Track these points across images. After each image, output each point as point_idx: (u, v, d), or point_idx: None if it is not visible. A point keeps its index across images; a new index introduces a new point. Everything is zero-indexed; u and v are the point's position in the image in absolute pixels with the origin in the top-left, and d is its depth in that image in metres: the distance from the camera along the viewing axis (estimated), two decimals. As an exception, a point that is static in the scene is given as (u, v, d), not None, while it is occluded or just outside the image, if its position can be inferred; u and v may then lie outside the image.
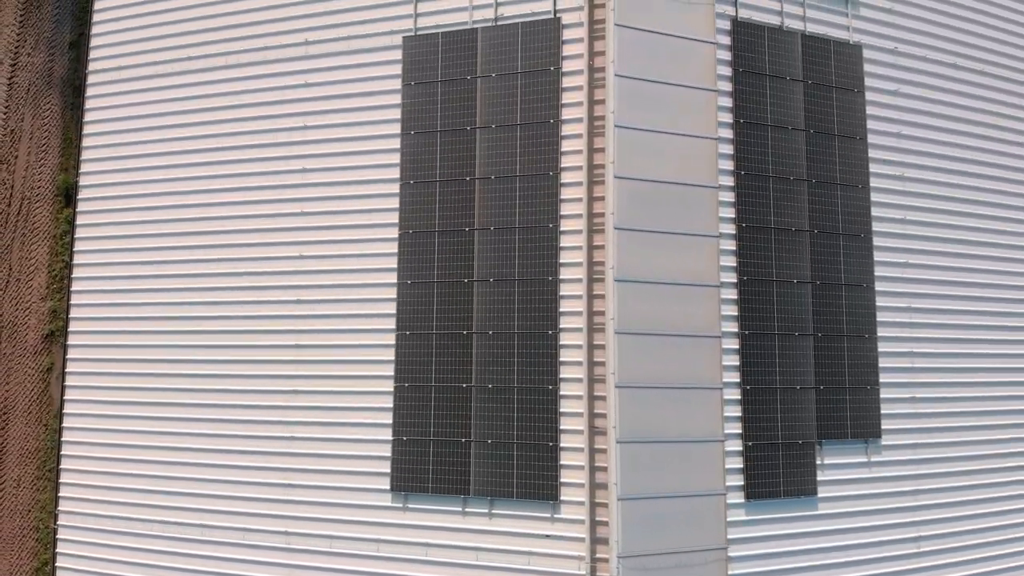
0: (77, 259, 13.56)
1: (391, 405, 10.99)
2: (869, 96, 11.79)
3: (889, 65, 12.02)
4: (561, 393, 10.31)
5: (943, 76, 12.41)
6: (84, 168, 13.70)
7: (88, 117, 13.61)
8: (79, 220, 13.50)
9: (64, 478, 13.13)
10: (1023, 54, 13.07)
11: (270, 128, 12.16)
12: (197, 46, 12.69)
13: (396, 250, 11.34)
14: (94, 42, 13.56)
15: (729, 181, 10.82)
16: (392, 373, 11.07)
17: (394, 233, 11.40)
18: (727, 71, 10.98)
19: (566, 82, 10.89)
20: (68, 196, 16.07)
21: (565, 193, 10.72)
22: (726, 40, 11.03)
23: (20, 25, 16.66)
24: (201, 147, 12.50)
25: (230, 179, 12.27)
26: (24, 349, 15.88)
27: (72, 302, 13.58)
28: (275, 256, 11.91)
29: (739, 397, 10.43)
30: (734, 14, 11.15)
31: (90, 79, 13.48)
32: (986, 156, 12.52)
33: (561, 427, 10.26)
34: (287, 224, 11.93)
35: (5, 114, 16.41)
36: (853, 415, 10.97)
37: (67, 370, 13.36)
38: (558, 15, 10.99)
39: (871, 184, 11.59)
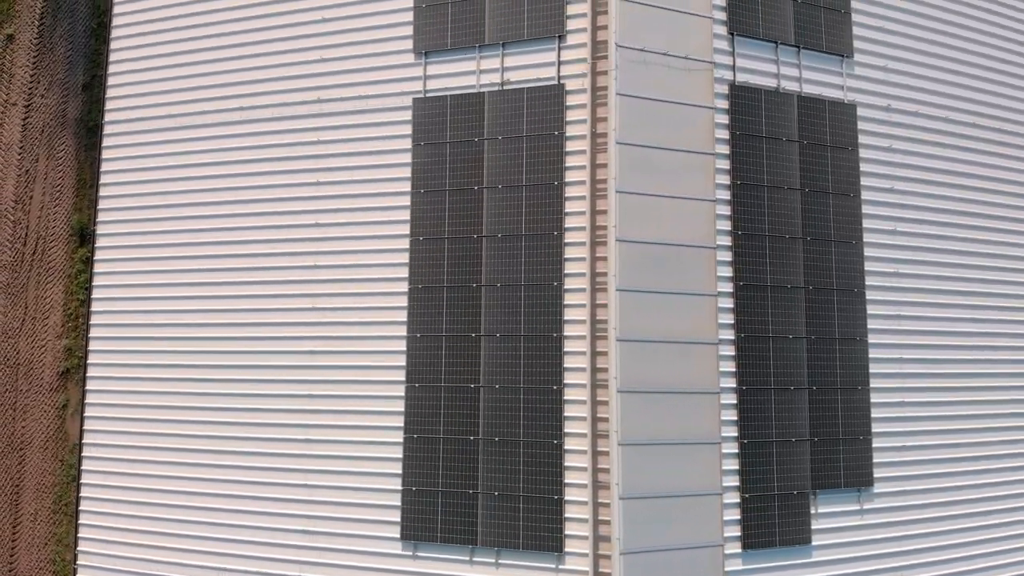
0: (96, 293, 13.87)
1: (401, 456, 11.42)
2: (863, 153, 12.21)
3: (882, 122, 12.44)
4: (566, 447, 10.74)
5: (935, 131, 12.82)
6: (102, 205, 14.04)
7: (105, 167, 13.98)
8: (97, 256, 13.86)
9: (84, 506, 13.48)
10: (1015, 104, 13.49)
11: (284, 183, 12.58)
12: (212, 100, 13.10)
13: (406, 304, 11.76)
14: (110, 92, 13.96)
15: (727, 241, 11.24)
16: (402, 424, 11.49)
17: (404, 287, 11.81)
18: (725, 134, 11.40)
19: (569, 146, 11.30)
20: (83, 236, 16.49)
21: (568, 252, 11.14)
22: (724, 104, 11.44)
23: (33, 67, 17.07)
24: (215, 199, 12.91)
25: (244, 231, 12.68)
26: (40, 386, 16.30)
27: (92, 335, 13.91)
28: (289, 307, 12.32)
29: (737, 451, 10.86)
30: (732, 78, 11.56)
31: (107, 129, 13.88)
32: (978, 208, 12.93)
33: (565, 481, 10.69)
34: (300, 276, 12.34)
35: (20, 155, 16.82)
36: (846, 465, 11.40)
37: (87, 401, 13.70)
38: (562, 82, 11.40)
39: (864, 239, 12.01)
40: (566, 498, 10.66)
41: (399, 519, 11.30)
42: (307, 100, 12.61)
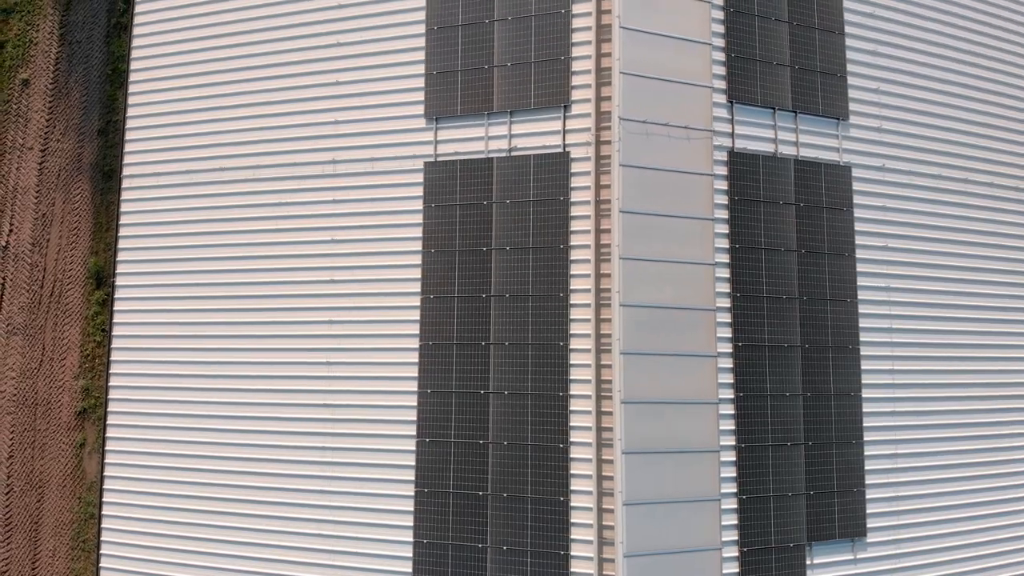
0: (116, 331, 14.19)
1: (412, 508, 11.88)
2: (857, 213, 12.67)
3: (876, 182, 12.89)
4: (572, 505, 11.20)
5: (927, 188, 13.28)
6: (121, 245, 14.34)
7: (124, 209, 14.27)
8: (117, 295, 14.14)
9: (105, 537, 13.83)
10: (1005, 159, 13.95)
11: (299, 240, 13.02)
12: (229, 157, 13.54)
13: (416, 359, 12.21)
14: (128, 147, 14.32)
15: (726, 303, 11.70)
16: (413, 478, 11.95)
17: (415, 344, 12.26)
18: (724, 200, 11.85)
19: (574, 211, 11.76)
20: (99, 279, 16.95)
21: (574, 314, 11.60)
22: (723, 171, 11.89)
23: (49, 112, 17.51)
24: (231, 254, 13.35)
25: (260, 286, 13.13)
26: (58, 425, 16.76)
27: (112, 371, 14.17)
28: (303, 361, 12.78)
29: (735, 506, 11.32)
30: (731, 145, 12.01)
31: (125, 182, 14.26)
32: (969, 262, 13.38)
33: (572, 537, 11.15)
34: (315, 331, 12.79)
35: (36, 199, 17.26)
36: (840, 516, 11.86)
37: (108, 436, 13.96)
38: (567, 150, 11.85)
39: (859, 297, 12.47)
40: (572, 553, 11.12)
41: (411, 570, 11.77)
42: (322, 160, 13.05)
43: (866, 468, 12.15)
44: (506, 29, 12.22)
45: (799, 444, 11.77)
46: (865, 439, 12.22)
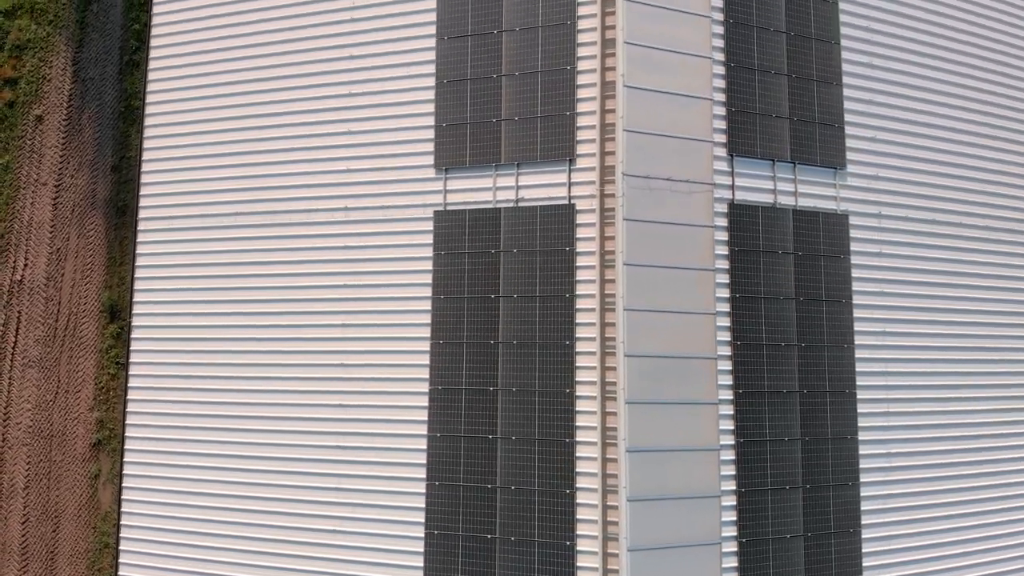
0: (133, 369, 14.51)
1: (422, 550, 12.27)
2: (854, 260, 13.05)
3: (873, 229, 13.28)
4: (577, 549, 11.59)
5: (923, 233, 13.66)
6: (138, 287, 14.70)
7: (140, 260, 14.65)
8: (135, 335, 14.46)
9: (123, 569, 14.17)
10: (1000, 201, 14.32)
11: (313, 284, 13.41)
12: (243, 203, 13.91)
13: (426, 403, 12.59)
14: (144, 191, 14.66)
15: (727, 351, 12.08)
16: (423, 520, 12.35)
17: (424, 388, 12.64)
18: (724, 250, 12.23)
19: (580, 261, 12.14)
20: (113, 312, 17.33)
21: (580, 361, 11.98)
22: (723, 222, 12.27)
23: (63, 148, 17.88)
24: (246, 297, 13.74)
25: (274, 328, 13.51)
26: (73, 456, 17.14)
27: (129, 397, 14.49)
28: (316, 403, 13.17)
29: (736, 549, 11.71)
30: (731, 197, 12.39)
31: (141, 224, 14.61)
32: (966, 304, 13.76)
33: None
34: (328, 374, 13.18)
35: (51, 234, 17.63)
36: (837, 557, 12.25)
37: (125, 461, 14.28)
38: (572, 202, 12.23)
39: (856, 342, 12.86)
40: (578, 595, 11.54)
41: (422, 609, 12.18)
42: (335, 207, 13.43)
43: (862, 509, 12.54)
44: (513, 84, 12.60)
45: (797, 487, 12.16)
46: (861, 480, 12.61)
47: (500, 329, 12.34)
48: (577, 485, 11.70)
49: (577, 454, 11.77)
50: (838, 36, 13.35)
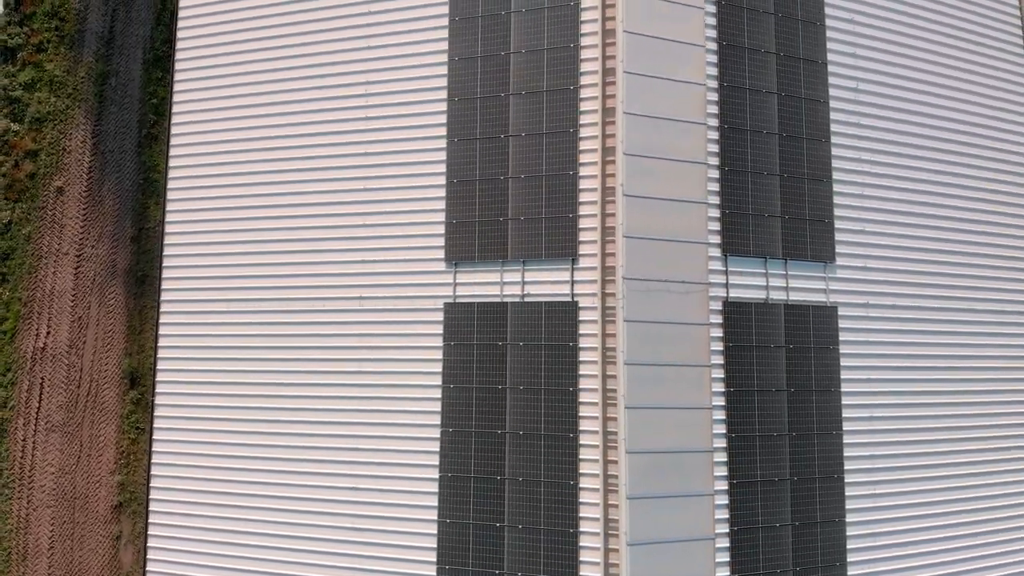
0: (157, 427, 15.19)
1: (435, 623, 13.02)
2: (843, 349, 13.74)
3: (861, 318, 13.97)
4: (581, 632, 12.32)
5: (909, 319, 14.35)
6: (161, 356, 15.37)
7: (163, 332, 15.33)
8: (158, 401, 15.17)
9: None
10: (980, 283, 15.02)
11: (327, 370, 14.10)
12: (263, 289, 14.60)
13: (436, 490, 13.27)
14: (166, 284, 15.35)
15: (722, 443, 12.77)
16: (435, 559, 13.09)
17: (435, 474, 13.32)
18: (719, 347, 12.92)
19: (582, 356, 12.83)
20: (133, 379, 18.00)
21: (583, 453, 12.67)
22: (718, 319, 12.96)
23: (84, 219, 18.55)
24: (264, 368, 14.42)
25: (289, 412, 14.20)
26: (95, 518, 17.82)
27: (153, 460, 15.15)
28: (330, 485, 13.86)
29: (730, 633, 12.44)
30: (725, 295, 13.08)
31: (164, 308, 15.32)
32: (948, 385, 14.46)
33: (581, 662, 12.27)
34: (341, 457, 13.87)
35: (73, 302, 18.31)
36: (827, 636, 12.97)
37: (150, 527, 14.98)
38: (575, 299, 12.92)
39: (844, 428, 13.54)
40: (581, 678, 12.24)
41: None
42: (349, 296, 14.11)
43: (850, 589, 13.27)
44: (519, 186, 13.28)
45: (788, 570, 12.85)
46: (848, 560, 13.30)
47: (507, 419, 13.03)
48: (580, 573, 12.39)
49: (580, 544, 12.46)
50: (828, 134, 14.05)
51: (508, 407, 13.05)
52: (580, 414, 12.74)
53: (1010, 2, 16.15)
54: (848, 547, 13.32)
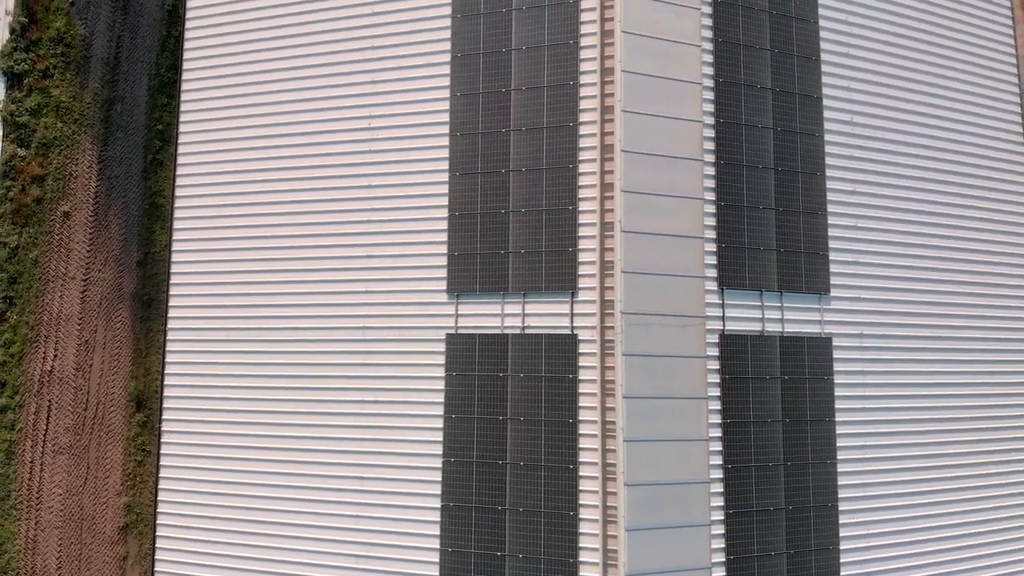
0: (164, 452, 15.45)
1: (437, 653, 13.27)
2: (837, 379, 14.00)
3: (854, 348, 14.23)
4: (580, 661, 12.58)
5: (903, 349, 14.61)
6: (168, 383, 15.63)
7: (170, 360, 15.59)
8: (165, 424, 15.43)
9: None
10: (971, 311, 15.28)
11: (331, 399, 14.35)
12: (265, 318, 14.87)
13: (439, 519, 13.53)
14: (173, 312, 15.59)
15: (719, 474, 13.03)
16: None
17: (437, 503, 13.58)
18: (716, 379, 13.18)
19: (582, 388, 13.08)
20: (139, 402, 18.27)
21: (583, 485, 12.92)
22: (715, 352, 13.22)
23: (90, 243, 18.81)
24: (269, 408, 14.68)
25: (293, 440, 14.45)
26: (102, 539, 18.08)
27: (160, 485, 15.40)
28: (334, 512, 14.11)
29: (726, 660, 12.70)
30: (722, 328, 13.34)
31: (170, 334, 15.55)
32: (942, 414, 14.72)
33: None
34: (345, 485, 14.12)
35: (80, 326, 18.57)
36: (821, 662, 13.22)
37: (157, 552, 15.24)
38: (575, 332, 13.18)
39: (838, 457, 13.80)
40: None
41: None
42: (353, 326, 14.37)
43: (843, 616, 13.53)
44: (519, 220, 13.54)
45: (783, 599, 13.13)
46: (843, 587, 13.60)
47: (508, 450, 13.29)
48: (580, 602, 12.68)
49: (580, 573, 12.71)
50: (823, 167, 14.31)
51: (509, 437, 13.31)
52: (580, 446, 13.00)
53: (1005, 34, 16.42)
54: (842, 574, 13.58)
